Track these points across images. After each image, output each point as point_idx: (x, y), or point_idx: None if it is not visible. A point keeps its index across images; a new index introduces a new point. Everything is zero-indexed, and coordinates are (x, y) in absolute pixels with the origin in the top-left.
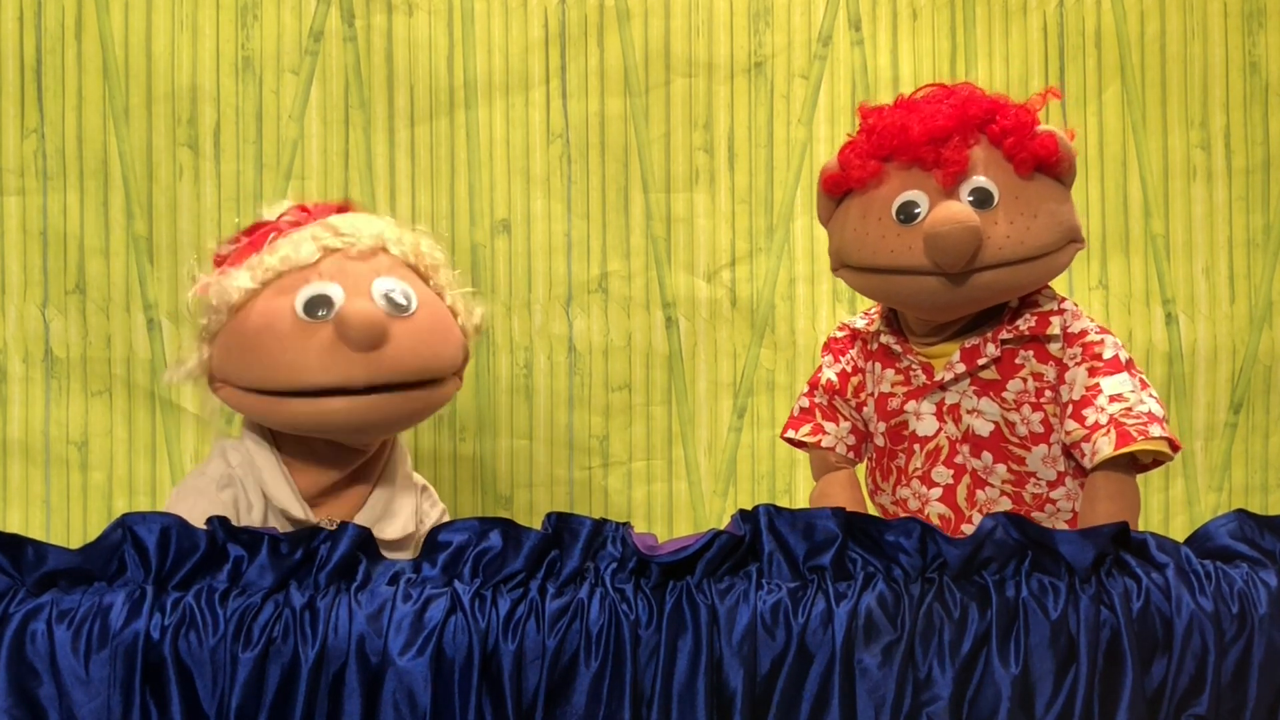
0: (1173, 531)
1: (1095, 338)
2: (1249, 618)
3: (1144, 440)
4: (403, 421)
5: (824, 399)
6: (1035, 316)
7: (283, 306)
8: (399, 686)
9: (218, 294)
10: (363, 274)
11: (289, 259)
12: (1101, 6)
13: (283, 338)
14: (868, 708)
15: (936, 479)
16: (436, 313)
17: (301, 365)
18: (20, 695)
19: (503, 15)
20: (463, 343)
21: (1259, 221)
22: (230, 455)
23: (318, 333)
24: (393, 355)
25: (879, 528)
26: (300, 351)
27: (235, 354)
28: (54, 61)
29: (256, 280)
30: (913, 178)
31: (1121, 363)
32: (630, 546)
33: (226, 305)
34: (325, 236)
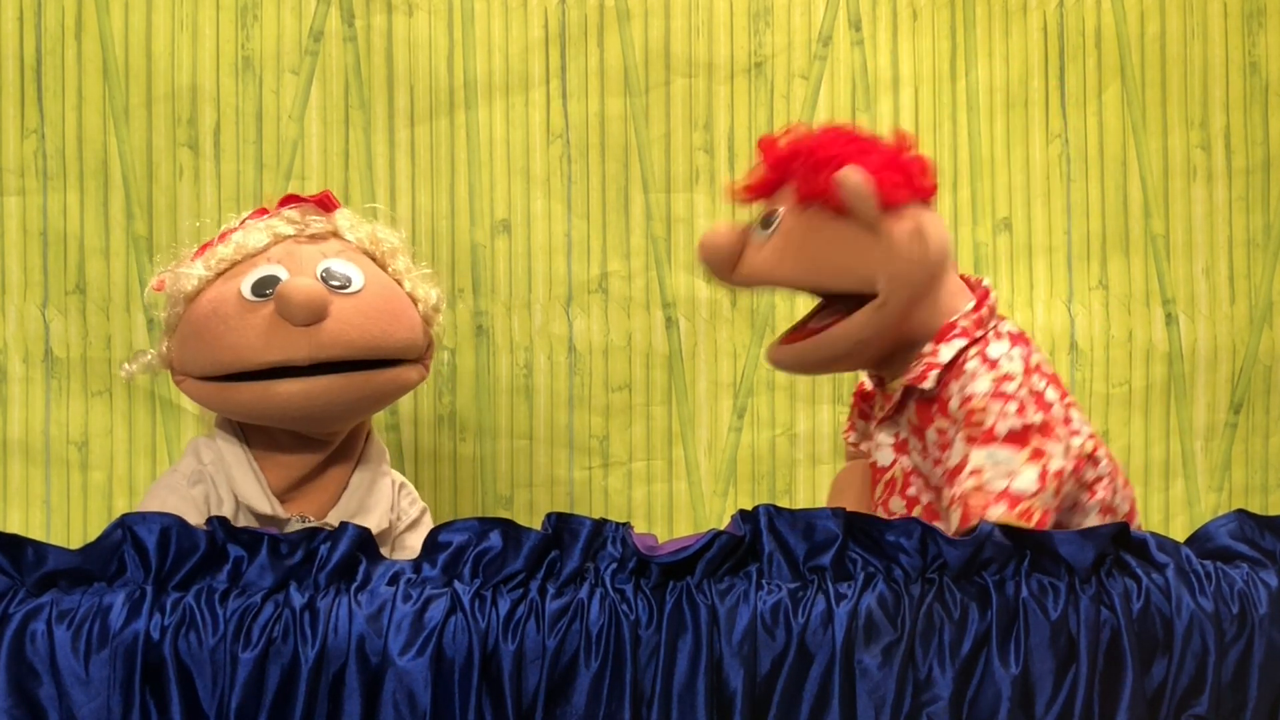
0: (1173, 531)
1: (980, 404)
2: (1249, 618)
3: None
4: (358, 406)
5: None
6: (922, 367)
7: (229, 291)
8: (399, 687)
9: (173, 285)
10: (310, 256)
11: (241, 247)
12: (1101, 6)
13: (228, 319)
14: (868, 708)
15: (893, 509)
16: (387, 293)
17: (244, 344)
18: (20, 695)
19: (503, 15)
20: (420, 327)
21: (1259, 221)
22: (202, 453)
23: (260, 311)
24: (334, 330)
25: (879, 528)
26: (242, 331)
27: (189, 343)
28: (54, 61)
29: (210, 269)
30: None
31: (998, 434)
32: (630, 547)
33: (182, 296)
34: (277, 224)
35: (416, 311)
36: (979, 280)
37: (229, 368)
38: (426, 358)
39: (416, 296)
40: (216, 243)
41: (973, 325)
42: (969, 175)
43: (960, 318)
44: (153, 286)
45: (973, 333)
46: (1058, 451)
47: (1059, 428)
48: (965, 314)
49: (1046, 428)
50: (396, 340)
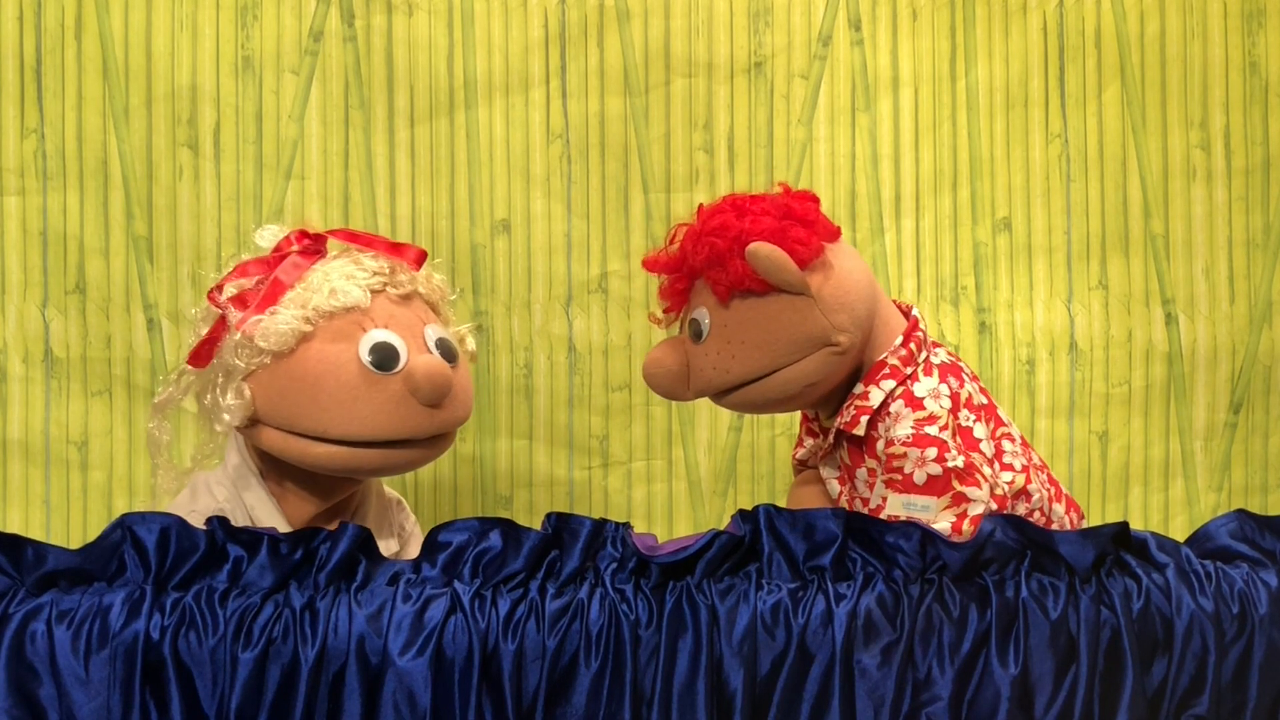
0: (1173, 531)
1: (899, 450)
2: (1249, 618)
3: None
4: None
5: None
6: (853, 411)
7: (345, 355)
8: (399, 687)
9: (271, 336)
10: (412, 322)
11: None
12: (1101, 6)
13: (352, 389)
14: (867, 708)
15: None
16: (464, 357)
17: (374, 419)
18: (20, 695)
19: (503, 15)
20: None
21: (1259, 221)
22: (215, 490)
23: (388, 386)
24: (451, 407)
25: (879, 529)
26: (372, 405)
27: (293, 398)
28: (54, 61)
29: (309, 322)
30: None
31: (916, 482)
32: (630, 547)
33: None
34: (362, 276)
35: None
36: (909, 307)
37: (354, 437)
38: None
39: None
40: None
41: (901, 363)
42: (969, 175)
43: (889, 355)
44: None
45: (902, 371)
46: (979, 496)
47: (983, 468)
48: (894, 350)
49: (968, 471)
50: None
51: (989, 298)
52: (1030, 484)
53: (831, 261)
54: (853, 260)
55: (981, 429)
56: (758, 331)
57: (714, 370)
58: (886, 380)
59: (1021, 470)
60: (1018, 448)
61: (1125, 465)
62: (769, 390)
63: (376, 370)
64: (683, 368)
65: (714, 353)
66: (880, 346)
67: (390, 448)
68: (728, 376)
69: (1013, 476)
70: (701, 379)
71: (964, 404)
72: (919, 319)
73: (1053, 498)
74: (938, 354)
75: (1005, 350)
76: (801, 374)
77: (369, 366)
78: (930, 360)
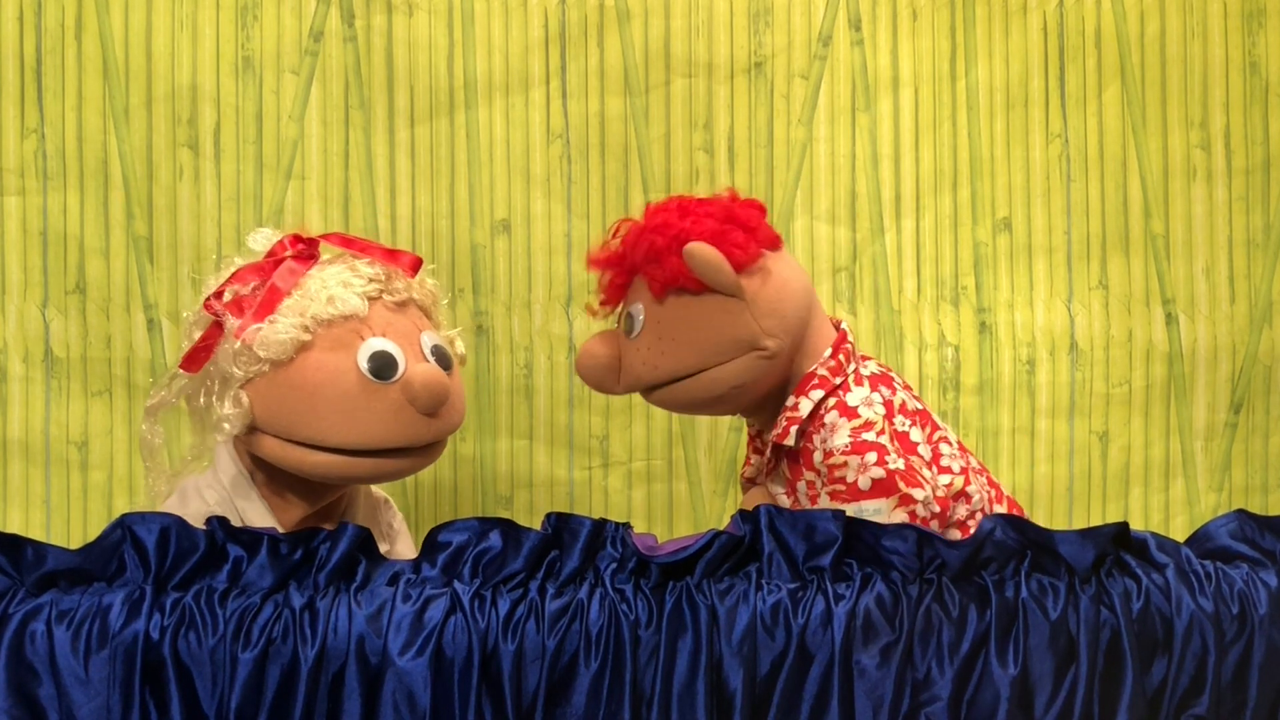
0: (1173, 531)
1: (839, 460)
2: (1249, 618)
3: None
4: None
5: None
6: (784, 421)
7: (344, 364)
8: (399, 687)
9: (271, 346)
10: (409, 330)
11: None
12: (1101, 6)
13: (351, 398)
14: (866, 708)
15: None
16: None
17: (372, 428)
18: (20, 695)
19: (503, 15)
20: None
21: (1259, 221)
22: (205, 494)
23: (386, 395)
24: (447, 415)
25: (875, 533)
26: (371, 414)
27: (288, 407)
28: (54, 61)
29: (308, 331)
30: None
31: (861, 488)
32: (630, 547)
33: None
34: (359, 284)
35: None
36: (837, 321)
37: (351, 445)
38: None
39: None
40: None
41: (830, 373)
42: (969, 175)
43: (819, 366)
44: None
45: (831, 381)
46: (922, 497)
47: (923, 471)
48: (823, 361)
49: (910, 473)
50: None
51: (989, 298)
52: (970, 485)
53: (769, 268)
54: (791, 270)
55: (918, 433)
56: (688, 330)
57: (643, 365)
58: (815, 390)
59: (960, 472)
60: (955, 450)
61: (1125, 465)
62: (694, 390)
63: (375, 379)
64: (614, 361)
65: (645, 348)
66: (812, 358)
67: (386, 456)
68: (656, 372)
69: (950, 479)
70: (631, 374)
71: (898, 410)
72: (847, 332)
73: (993, 499)
74: (867, 365)
75: (1005, 350)
76: (727, 375)
77: (368, 375)
78: (860, 371)
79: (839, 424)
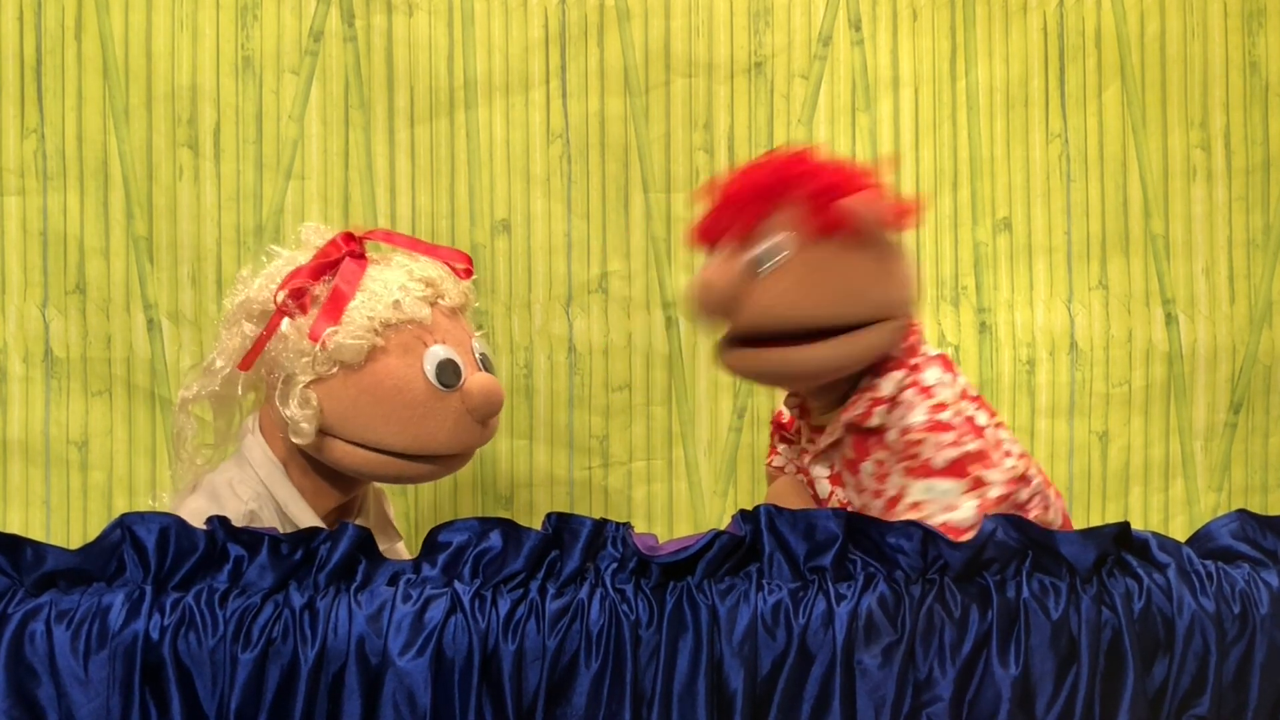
0: (1173, 531)
1: (917, 436)
2: (1250, 618)
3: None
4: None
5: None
6: (866, 403)
7: (412, 371)
8: (399, 687)
9: (347, 350)
10: (463, 338)
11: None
12: (1101, 6)
13: (419, 405)
14: (868, 708)
15: None
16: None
17: (436, 435)
18: (19, 695)
19: (503, 15)
20: None
21: (1259, 221)
22: (239, 489)
23: (449, 402)
24: (495, 420)
25: (879, 530)
26: (437, 421)
27: (365, 411)
28: (54, 61)
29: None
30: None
31: (936, 466)
32: (630, 547)
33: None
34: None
35: None
36: None
37: (416, 450)
38: None
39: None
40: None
41: (906, 354)
42: (969, 175)
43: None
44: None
45: (907, 362)
46: (995, 479)
47: (993, 453)
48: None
49: (982, 455)
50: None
51: (989, 298)
52: (1029, 469)
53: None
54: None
55: (983, 416)
56: (839, 278)
57: (781, 302)
58: (895, 371)
59: (1020, 456)
60: (1011, 435)
61: (1125, 465)
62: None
63: (441, 387)
64: (735, 293)
65: (786, 285)
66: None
67: (440, 460)
68: (793, 311)
69: (1014, 462)
70: (761, 309)
71: (963, 394)
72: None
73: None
74: (929, 349)
75: (1005, 350)
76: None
77: (435, 383)
78: (926, 353)
79: (916, 402)
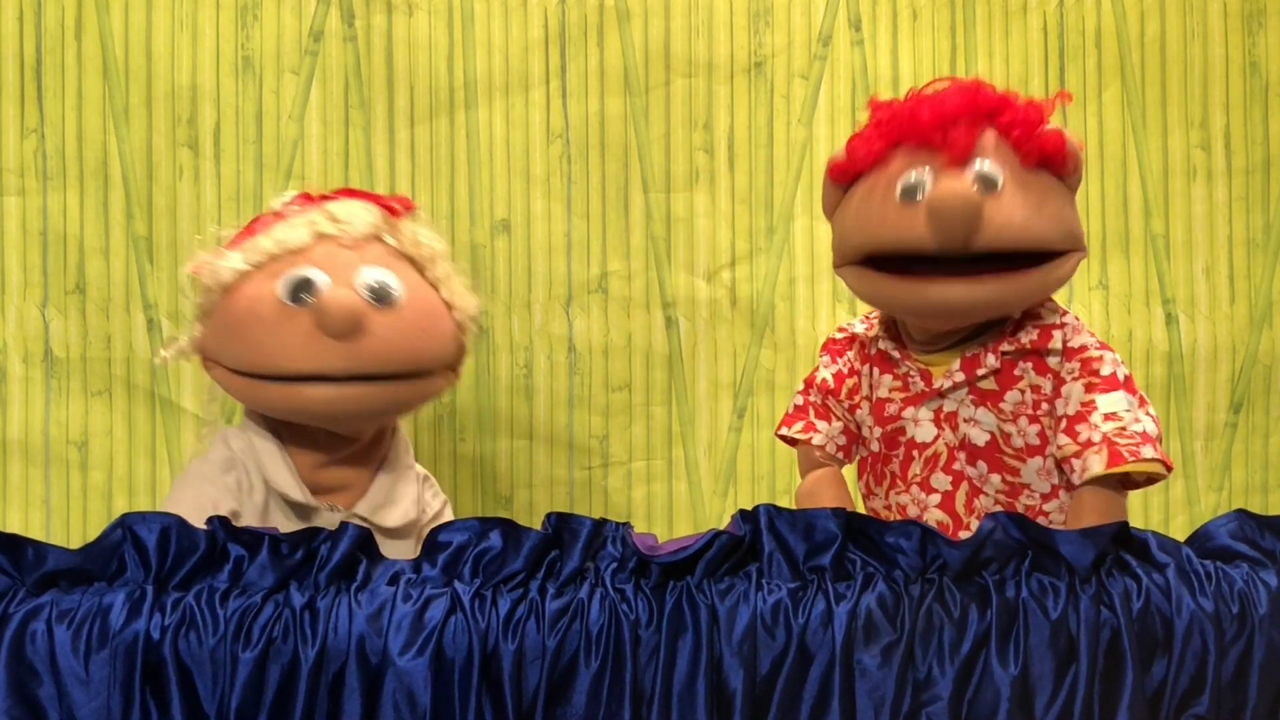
0: (1173, 531)
1: (1095, 353)
2: (1249, 618)
3: (1135, 461)
4: (386, 413)
5: (818, 398)
6: (1038, 330)
7: (268, 290)
8: (399, 686)
9: (210, 274)
10: (351, 262)
11: (281, 242)
12: (1101, 6)
13: (265, 321)
14: (867, 708)
15: (935, 485)
16: (425, 306)
17: (280, 352)
18: (20, 695)
19: (503, 15)
20: (455, 336)
21: (1259, 221)
22: (232, 441)
23: (298, 319)
24: (372, 347)
25: (879, 529)
26: (280, 337)
27: (223, 335)
28: (54, 61)
29: (248, 262)
30: (920, 159)
31: (1119, 380)
32: (630, 547)
33: (219, 285)
34: (321, 222)
35: (452, 321)
36: None
37: (263, 369)
38: (457, 365)
39: (453, 305)
40: (257, 231)
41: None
42: None
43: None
44: (189, 270)
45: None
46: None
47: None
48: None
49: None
50: (429, 355)
51: None
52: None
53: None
54: None
55: None
56: (1053, 205)
57: (1010, 221)
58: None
59: None
60: None
61: None
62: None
63: (290, 304)
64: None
65: (1010, 208)
66: None
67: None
68: (1024, 235)
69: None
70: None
71: None
72: None
73: None
74: None
75: None
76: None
77: (283, 300)
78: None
79: (1079, 325)
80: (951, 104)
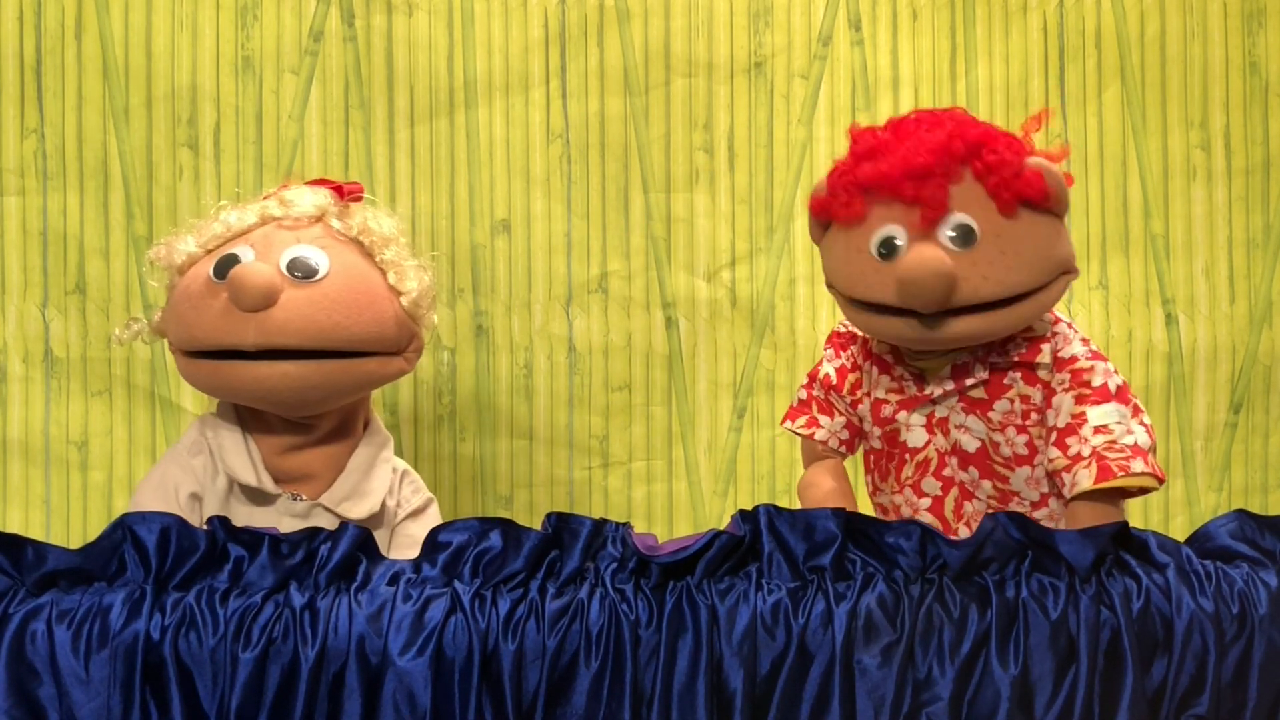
0: (1173, 531)
1: (1085, 364)
2: (1249, 618)
3: (1124, 476)
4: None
5: (820, 393)
6: (1027, 343)
7: (203, 269)
8: (399, 686)
9: (165, 257)
10: (283, 241)
11: (230, 225)
12: (1101, 6)
13: (193, 298)
14: (867, 708)
15: (926, 489)
16: (353, 284)
17: (200, 325)
18: (20, 695)
19: (503, 15)
20: (392, 319)
21: (1259, 221)
22: (204, 427)
23: (219, 293)
24: (281, 318)
25: (878, 529)
26: (200, 311)
27: (168, 315)
28: (54, 61)
29: (200, 245)
30: (893, 213)
31: (1110, 391)
32: (630, 547)
33: (173, 267)
34: (270, 205)
35: (394, 304)
36: None
37: (188, 345)
38: (408, 350)
39: (398, 289)
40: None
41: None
42: None
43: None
44: (150, 256)
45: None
46: (1142, 407)
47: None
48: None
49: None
50: (352, 332)
51: None
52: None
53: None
54: None
55: None
56: (1029, 247)
57: (985, 280)
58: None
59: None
60: None
61: None
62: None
63: (216, 281)
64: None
65: (986, 262)
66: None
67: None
68: (1000, 288)
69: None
70: (969, 287)
71: None
72: None
73: None
74: None
75: None
76: (1044, 303)
77: (211, 278)
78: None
79: (1070, 335)
80: (924, 154)
